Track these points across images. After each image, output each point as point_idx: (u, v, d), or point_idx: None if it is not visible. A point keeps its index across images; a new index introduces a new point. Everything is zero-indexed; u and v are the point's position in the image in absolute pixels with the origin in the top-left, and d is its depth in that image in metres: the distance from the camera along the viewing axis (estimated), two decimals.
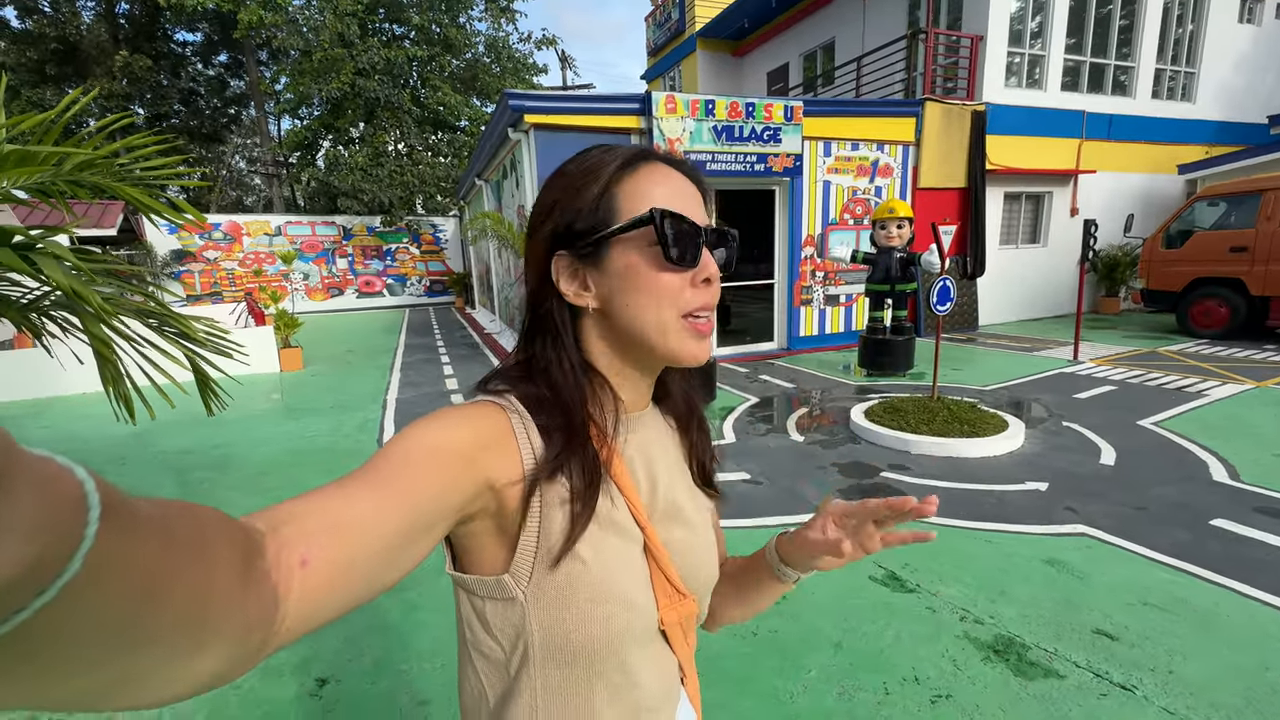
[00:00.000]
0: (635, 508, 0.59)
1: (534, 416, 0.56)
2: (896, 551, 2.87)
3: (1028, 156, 9.60)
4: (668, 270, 0.56)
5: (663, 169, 0.59)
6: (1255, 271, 7.44)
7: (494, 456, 0.52)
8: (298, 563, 0.35)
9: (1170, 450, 4.08)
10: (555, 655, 0.54)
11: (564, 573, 0.53)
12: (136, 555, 0.22)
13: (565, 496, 0.54)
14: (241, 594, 0.29)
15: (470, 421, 0.53)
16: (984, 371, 6.60)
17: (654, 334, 0.57)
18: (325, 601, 0.37)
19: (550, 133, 6.77)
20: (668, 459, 0.66)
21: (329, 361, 8.88)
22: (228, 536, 0.30)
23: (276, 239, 16.88)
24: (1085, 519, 3.15)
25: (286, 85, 18.66)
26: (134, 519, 0.22)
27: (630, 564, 0.57)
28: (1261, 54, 11.49)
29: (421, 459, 0.47)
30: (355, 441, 4.89)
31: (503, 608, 0.55)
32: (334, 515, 0.39)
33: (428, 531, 0.46)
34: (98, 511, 0.20)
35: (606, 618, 0.54)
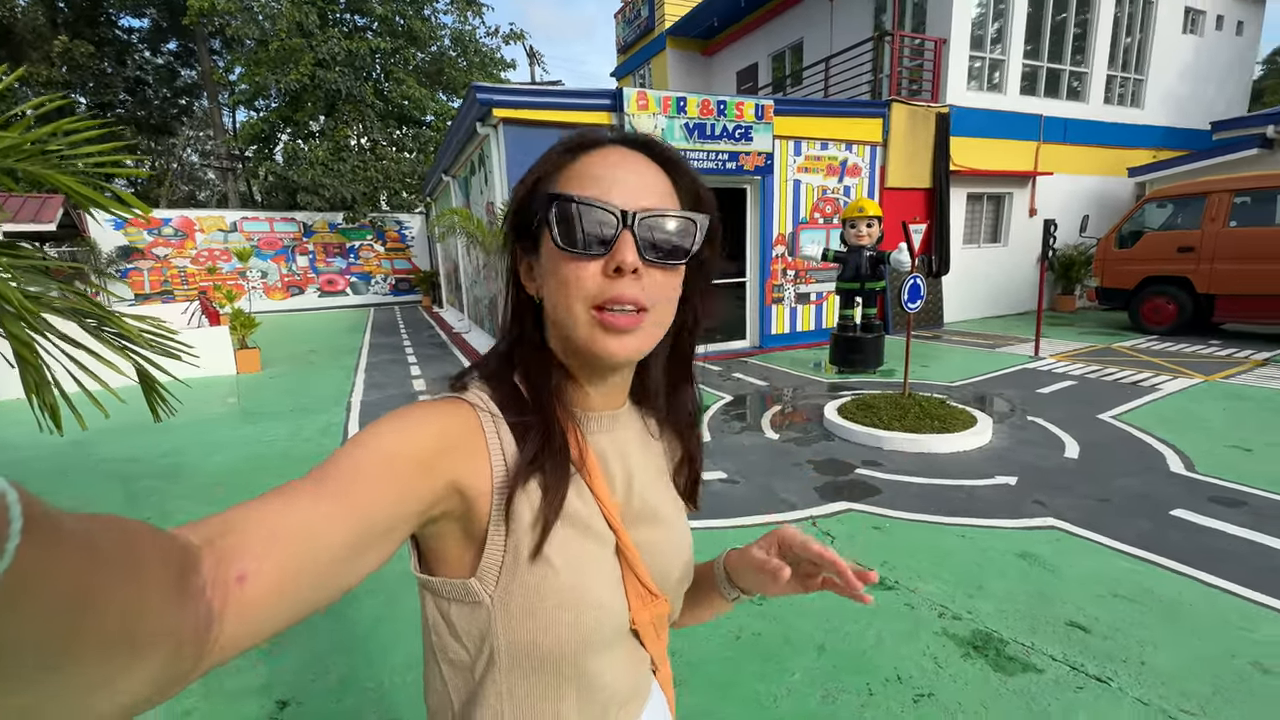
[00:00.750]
0: (607, 509, 0.57)
1: (505, 414, 0.54)
2: (878, 553, 2.87)
3: (989, 158, 9.86)
4: (572, 259, 0.52)
5: (615, 152, 0.55)
6: (1201, 270, 7.78)
7: (459, 459, 0.50)
8: (234, 578, 0.33)
9: (1130, 443, 4.21)
10: (522, 661, 0.53)
11: (533, 577, 0.51)
12: (59, 573, 0.20)
13: (535, 498, 0.52)
14: (174, 612, 0.28)
15: (434, 421, 0.50)
16: (951, 368, 6.74)
17: (568, 327, 0.54)
18: (265, 616, 0.35)
19: (520, 128, 6.63)
20: (644, 458, 0.64)
21: (289, 363, 8.55)
22: (159, 551, 0.28)
23: (232, 235, 16.22)
24: (1054, 512, 3.22)
25: (241, 76, 17.93)
26: (58, 534, 0.21)
27: (601, 567, 0.56)
28: (1203, 64, 12.06)
29: (376, 466, 0.44)
30: (316, 446, 4.69)
31: (469, 611, 0.53)
32: (276, 526, 0.37)
33: (385, 537, 0.44)
34: (19, 525, 0.18)
35: (574, 622, 0.53)
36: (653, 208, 0.53)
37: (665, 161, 0.56)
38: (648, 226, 0.52)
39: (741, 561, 0.63)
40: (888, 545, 2.93)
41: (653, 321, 0.54)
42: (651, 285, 0.53)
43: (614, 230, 0.51)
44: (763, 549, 0.60)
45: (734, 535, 3.11)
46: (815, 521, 3.21)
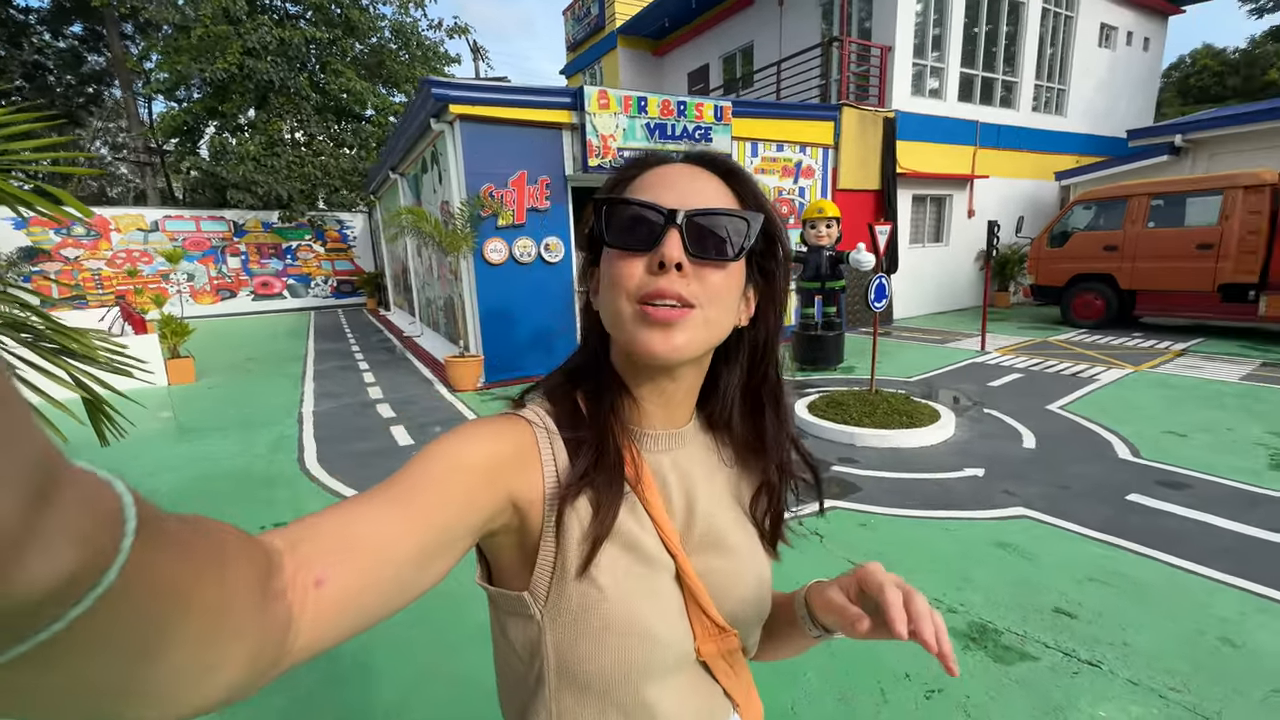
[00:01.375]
0: (665, 533, 0.56)
1: (562, 430, 0.55)
2: (866, 550, 2.92)
3: (931, 161, 10.31)
4: (620, 257, 0.53)
5: (679, 167, 0.56)
6: (1124, 268, 8.40)
7: (516, 473, 0.51)
8: (313, 582, 0.35)
9: (1079, 432, 4.48)
10: (569, 680, 0.53)
11: (579, 597, 0.51)
12: (163, 570, 0.22)
13: (585, 514, 0.52)
14: (257, 612, 0.29)
15: (493, 437, 0.52)
16: (906, 363, 6.99)
17: (614, 326, 0.55)
18: (339, 621, 0.36)
19: (477, 125, 6.42)
20: (711, 483, 0.62)
21: (227, 372, 7.99)
22: (246, 554, 0.30)
23: (153, 235, 15.04)
24: (1022, 501, 3.37)
25: (159, 63, 16.64)
26: (163, 534, 0.22)
27: (655, 594, 0.54)
28: (1116, 76, 13.03)
29: (442, 476, 0.46)
30: (270, 463, 4.39)
31: (522, 625, 0.54)
32: (352, 534, 0.39)
33: (448, 549, 0.45)
34: (133, 525, 0.20)
35: (622, 649, 0.52)
36: (704, 206, 0.53)
37: (727, 173, 0.57)
38: (697, 225, 0.52)
39: (821, 600, 0.57)
40: (875, 542, 2.99)
41: (701, 320, 0.53)
42: (700, 283, 0.53)
43: (661, 228, 0.52)
44: (842, 591, 0.54)
45: None
46: (801, 521, 3.23)
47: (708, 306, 0.53)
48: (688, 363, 0.56)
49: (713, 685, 0.60)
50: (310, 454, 4.55)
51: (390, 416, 5.54)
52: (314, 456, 4.49)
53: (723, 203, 0.55)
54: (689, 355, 0.54)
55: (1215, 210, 7.56)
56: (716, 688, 0.60)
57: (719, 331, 0.56)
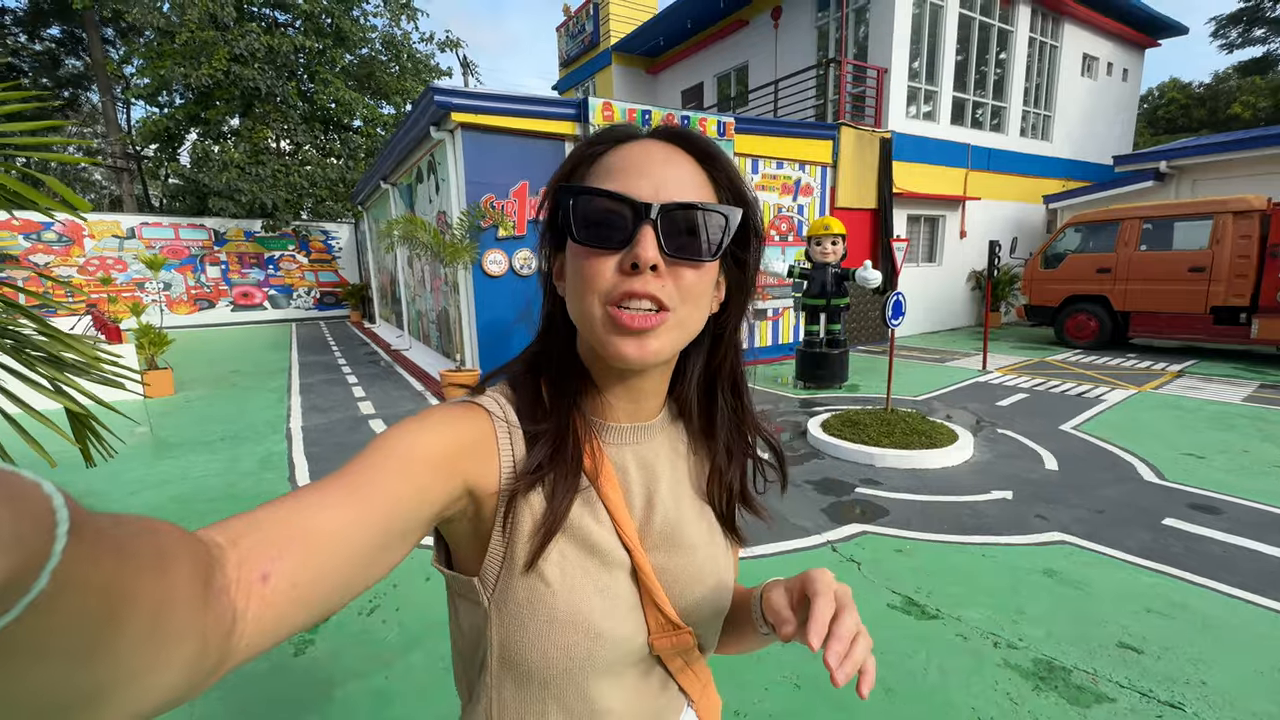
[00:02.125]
0: (622, 528, 0.54)
1: (523, 422, 0.53)
2: (907, 578, 2.77)
3: (925, 182, 10.42)
4: (590, 254, 0.50)
5: (648, 145, 0.52)
6: (1118, 290, 8.51)
7: (472, 463, 0.50)
8: (258, 577, 0.33)
9: (1098, 454, 4.41)
10: (510, 670, 0.52)
11: (526, 590, 0.50)
12: (98, 572, 0.21)
13: (537, 507, 0.51)
14: (199, 610, 0.28)
15: (451, 426, 0.50)
16: (910, 382, 6.93)
17: (584, 326, 0.52)
18: (287, 616, 0.35)
19: (479, 134, 6.29)
20: (674, 477, 0.60)
21: (209, 384, 7.63)
22: (186, 551, 0.28)
23: (129, 242, 14.55)
24: (1058, 525, 3.26)
25: (141, 68, 16.25)
26: (96, 534, 0.21)
27: (606, 589, 0.53)
28: (1097, 104, 13.41)
29: (396, 465, 0.44)
30: (259, 481, 4.11)
31: (471, 609, 0.53)
32: (299, 526, 0.37)
33: (401, 539, 0.44)
34: (66, 527, 0.19)
35: (566, 645, 0.50)
36: (681, 200, 0.49)
37: (702, 154, 0.53)
38: (672, 220, 0.49)
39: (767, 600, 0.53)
40: (916, 569, 2.84)
41: (675, 323, 0.51)
42: (675, 283, 0.50)
43: (634, 223, 0.48)
44: (787, 593, 0.51)
45: (755, 566, 2.92)
46: (835, 547, 3.08)
47: (681, 307, 0.51)
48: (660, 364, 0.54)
49: (666, 681, 0.59)
50: (302, 471, 4.28)
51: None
52: (306, 474, 4.22)
53: (699, 192, 0.51)
54: (663, 359, 0.52)
55: (1206, 234, 7.70)
56: (670, 683, 0.59)
57: (693, 330, 0.53)
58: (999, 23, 11.17)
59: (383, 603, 2.61)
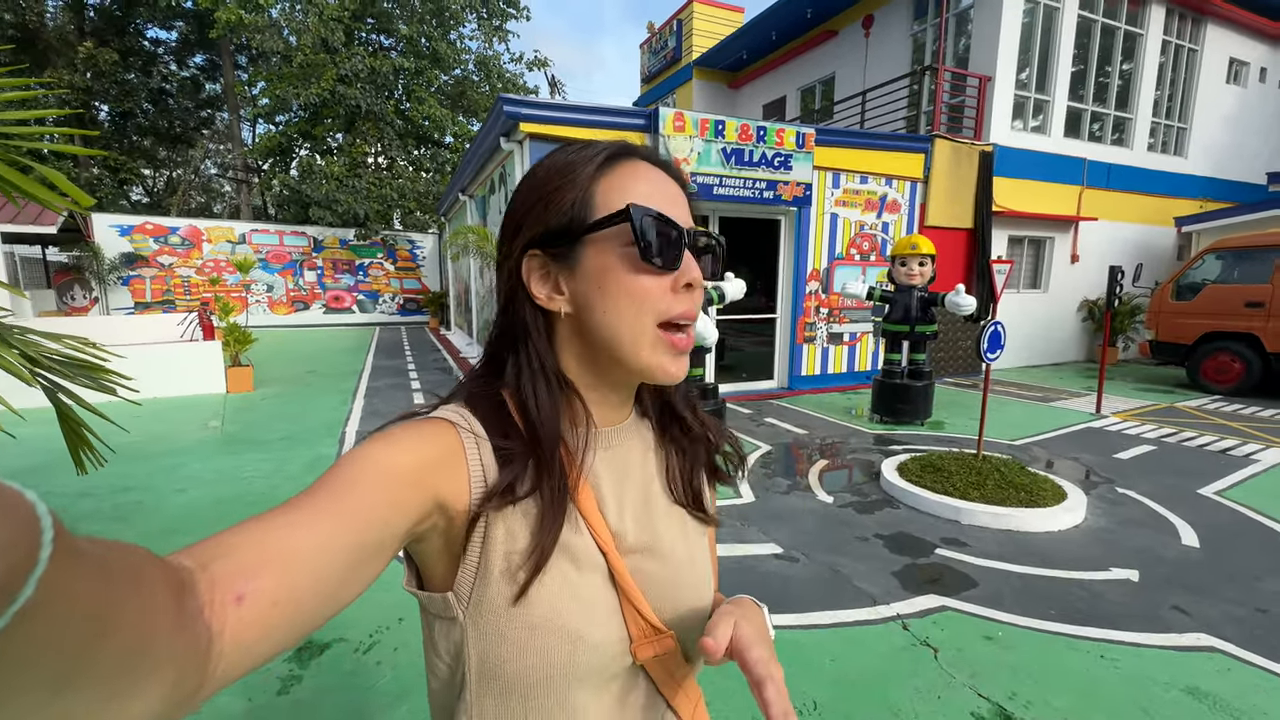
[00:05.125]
0: (598, 534, 0.55)
1: (490, 435, 0.53)
2: (999, 677, 2.23)
3: (1031, 200, 9.42)
4: (645, 272, 0.52)
5: (644, 166, 0.55)
6: (1271, 327, 7.21)
7: (442, 477, 0.49)
8: (232, 599, 0.33)
9: (1254, 530, 3.57)
10: (490, 683, 0.51)
11: (503, 599, 0.50)
12: (79, 587, 0.21)
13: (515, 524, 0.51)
14: (175, 634, 0.28)
15: (417, 441, 0.50)
16: (1006, 423, 6.11)
17: (627, 344, 0.53)
18: (265, 637, 0.35)
19: (548, 144, 6.20)
20: (645, 478, 0.61)
21: (285, 383, 7.99)
22: (160, 574, 0.28)
23: (240, 246, 15.87)
24: (1204, 624, 2.57)
25: (263, 90, 17.87)
26: (76, 550, 0.21)
27: (582, 595, 0.52)
28: (1246, 115, 11.72)
29: (367, 482, 0.44)
30: (299, 486, 4.00)
31: (447, 627, 0.53)
32: (271, 546, 0.37)
33: (376, 555, 0.43)
34: (50, 535, 0.19)
35: (545, 651, 0.50)
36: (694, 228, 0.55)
37: (681, 182, 0.57)
38: (697, 244, 0.55)
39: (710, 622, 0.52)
40: (1010, 667, 2.29)
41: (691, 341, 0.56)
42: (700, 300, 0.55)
43: (682, 246, 0.52)
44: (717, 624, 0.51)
45: (804, 638, 2.47)
46: (907, 625, 2.57)
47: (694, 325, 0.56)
48: None
49: (654, 698, 0.58)
50: None
51: None
52: None
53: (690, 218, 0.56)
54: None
55: None
56: (658, 699, 0.58)
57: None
58: (1126, 25, 9.99)
59: (382, 639, 2.39)
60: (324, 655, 2.30)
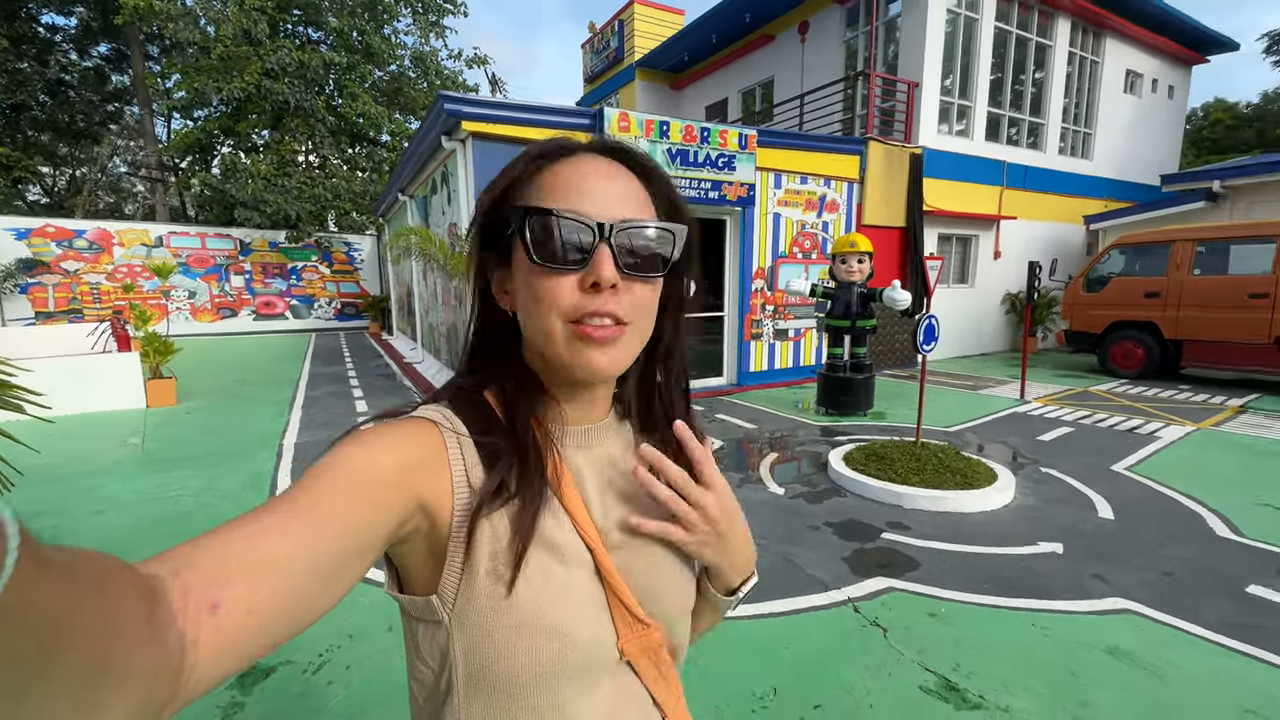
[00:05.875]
0: (584, 529, 0.55)
1: (473, 432, 0.53)
2: (943, 651, 2.35)
3: (957, 200, 9.97)
4: (547, 273, 0.50)
5: (591, 160, 0.53)
6: (1168, 316, 7.91)
7: (423, 477, 0.49)
8: (207, 607, 0.32)
9: (1159, 501, 3.91)
10: (478, 685, 0.51)
11: (488, 598, 0.50)
12: (43, 596, 0.21)
13: (499, 521, 0.51)
14: (145, 644, 0.27)
15: (398, 441, 0.49)
16: (941, 411, 6.45)
17: (544, 344, 0.53)
18: (239, 646, 0.34)
19: (490, 143, 6.09)
20: (627, 475, 0.60)
21: (213, 394, 7.51)
22: (129, 583, 0.28)
23: (157, 250, 14.81)
24: (1119, 590, 2.80)
25: (179, 83, 16.70)
26: (42, 558, 0.21)
27: (568, 591, 0.52)
28: (1141, 122, 12.81)
29: (346, 485, 0.43)
30: (237, 504, 3.85)
31: (431, 630, 0.52)
32: (247, 553, 0.36)
33: (355, 560, 0.43)
34: (17, 542, 0.19)
35: (533, 648, 0.50)
36: (630, 218, 0.51)
37: (641, 170, 0.55)
38: (626, 237, 0.51)
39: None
40: (953, 640, 2.42)
41: (632, 334, 0.54)
42: (630, 298, 0.52)
43: (591, 243, 0.50)
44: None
45: (761, 627, 2.54)
46: (857, 607, 2.67)
47: (638, 320, 0.53)
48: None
49: (640, 692, 0.58)
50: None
51: None
52: None
53: (642, 208, 0.54)
54: (625, 368, 0.55)
55: (1269, 258, 7.11)
56: (645, 695, 0.58)
57: (646, 338, 0.56)
58: (1037, 37, 10.73)
59: (332, 658, 2.29)
60: (269, 680, 2.19)
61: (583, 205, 0.50)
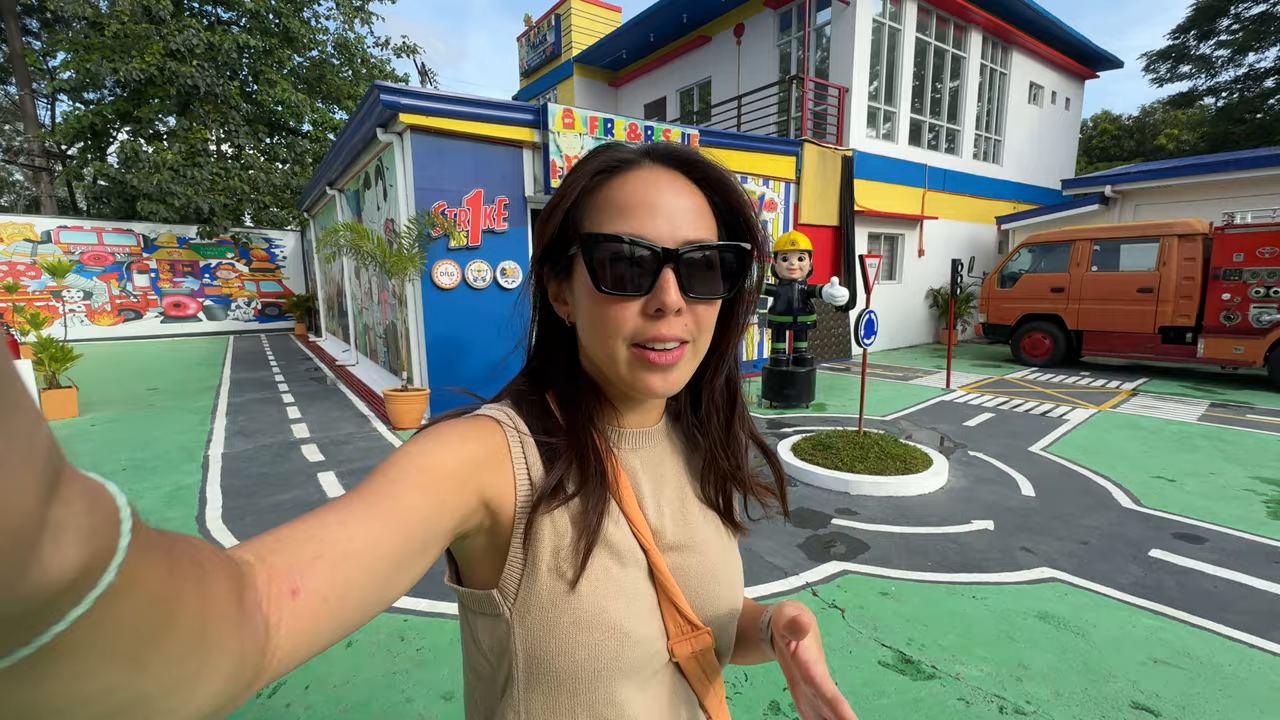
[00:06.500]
0: (639, 530, 0.56)
1: (534, 433, 0.54)
2: (896, 627, 2.50)
3: (885, 200, 10.51)
4: (608, 300, 0.51)
5: (650, 173, 0.52)
6: (1071, 309, 8.67)
7: (487, 474, 0.50)
8: (288, 592, 0.34)
9: (1072, 478, 4.30)
10: (539, 679, 0.52)
11: (550, 594, 0.51)
12: (151, 576, 0.22)
13: (560, 521, 0.52)
14: (235, 624, 0.28)
15: (463, 438, 0.50)
16: (877, 401, 6.81)
17: (606, 363, 0.54)
18: (317, 630, 0.35)
19: (430, 137, 5.89)
20: (680, 480, 0.62)
21: (121, 404, 6.88)
22: (222, 566, 0.29)
23: (44, 246, 13.38)
24: (1045, 560, 3.07)
25: (66, 62, 15.11)
26: (149, 540, 0.22)
27: (625, 590, 0.53)
28: (1045, 130, 13.94)
29: (413, 480, 0.45)
30: (160, 523, 3.56)
31: (491, 624, 0.53)
32: (324, 541, 0.38)
33: (422, 553, 0.43)
34: (129, 525, 0.20)
35: (592, 645, 0.51)
36: (694, 240, 0.51)
37: (704, 179, 0.54)
38: (689, 261, 0.51)
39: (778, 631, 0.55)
40: (904, 617, 2.57)
41: (693, 353, 0.54)
42: (693, 318, 0.52)
43: (655, 268, 0.50)
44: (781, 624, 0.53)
45: None
46: (815, 591, 2.80)
47: (698, 338, 0.54)
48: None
49: (688, 693, 0.59)
50: (214, 509, 3.75)
51: (317, 460, 4.77)
52: (218, 513, 3.69)
53: (706, 222, 0.53)
54: (682, 386, 0.55)
55: (1153, 256, 7.93)
56: (691, 696, 0.60)
57: (703, 354, 0.56)
58: (953, 48, 11.46)
59: (290, 678, 2.17)
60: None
61: (645, 228, 0.49)
